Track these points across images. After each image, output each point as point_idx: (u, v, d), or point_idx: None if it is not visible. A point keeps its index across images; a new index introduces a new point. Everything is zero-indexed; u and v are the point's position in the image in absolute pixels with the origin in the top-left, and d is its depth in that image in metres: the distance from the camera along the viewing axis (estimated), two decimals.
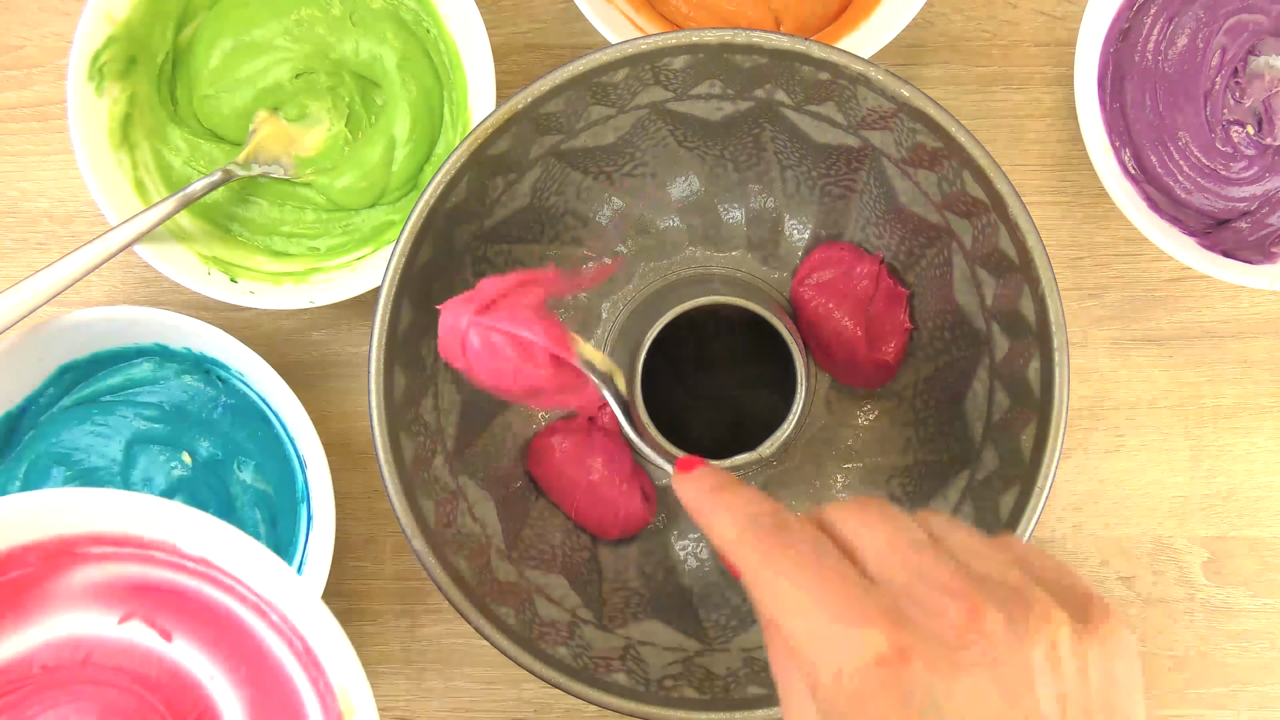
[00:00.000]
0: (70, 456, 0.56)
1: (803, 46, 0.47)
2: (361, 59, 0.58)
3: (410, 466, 0.49)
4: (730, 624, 0.54)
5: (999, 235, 0.49)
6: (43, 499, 0.37)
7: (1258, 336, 0.62)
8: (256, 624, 0.39)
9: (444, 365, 0.53)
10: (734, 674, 0.51)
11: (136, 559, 0.38)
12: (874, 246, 0.55)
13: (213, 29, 0.58)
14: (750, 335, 0.55)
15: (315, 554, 0.56)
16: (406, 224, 0.48)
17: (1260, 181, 0.57)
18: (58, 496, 0.37)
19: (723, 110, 0.52)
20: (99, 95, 0.55)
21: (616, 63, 0.48)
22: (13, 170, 0.61)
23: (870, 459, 0.56)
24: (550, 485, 0.56)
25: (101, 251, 0.53)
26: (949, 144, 0.48)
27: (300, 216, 0.59)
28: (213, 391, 0.58)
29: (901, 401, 0.56)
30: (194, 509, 0.37)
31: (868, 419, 0.57)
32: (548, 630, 0.50)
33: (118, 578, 0.38)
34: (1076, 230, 0.62)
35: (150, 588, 0.39)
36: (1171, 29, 0.56)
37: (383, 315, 0.48)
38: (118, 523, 0.38)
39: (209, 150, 0.58)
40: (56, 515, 0.37)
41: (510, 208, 0.53)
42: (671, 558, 0.57)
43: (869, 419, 0.57)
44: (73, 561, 0.38)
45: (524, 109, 0.48)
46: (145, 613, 0.39)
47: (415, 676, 0.61)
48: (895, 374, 0.56)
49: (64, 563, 0.38)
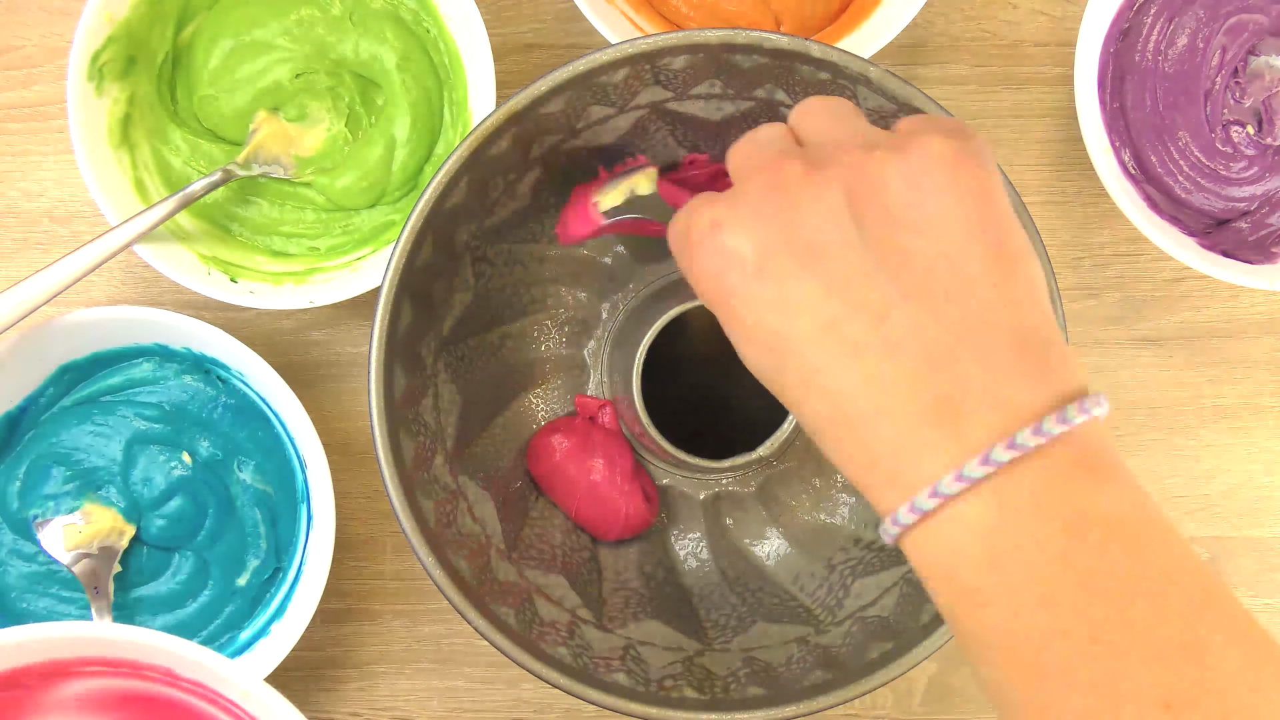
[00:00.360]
0: (70, 456, 0.56)
1: (803, 46, 0.47)
2: (361, 59, 0.58)
3: (410, 466, 0.49)
4: (730, 624, 0.54)
5: None
6: (40, 632, 0.38)
7: (1258, 336, 0.62)
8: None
9: (444, 365, 0.53)
10: (734, 674, 0.51)
11: (130, 676, 0.39)
12: None
13: (213, 29, 0.58)
14: None
15: (315, 554, 0.56)
16: (406, 224, 0.48)
17: (1260, 181, 0.57)
18: (55, 630, 0.38)
19: (723, 110, 0.52)
20: (99, 95, 0.55)
21: (616, 63, 0.48)
22: (13, 170, 0.62)
23: None
24: (550, 485, 0.55)
25: (101, 251, 0.53)
26: None
27: (300, 216, 0.59)
28: (213, 391, 0.58)
29: None
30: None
31: None
32: (548, 630, 0.50)
33: (109, 690, 0.39)
34: (1076, 230, 0.62)
35: (141, 698, 0.39)
36: (1171, 29, 0.56)
37: (383, 315, 0.48)
38: (114, 651, 0.38)
39: (209, 150, 0.58)
40: (53, 646, 0.38)
41: (510, 208, 0.53)
42: (671, 558, 0.57)
43: None
44: (67, 677, 0.39)
45: (524, 109, 0.48)
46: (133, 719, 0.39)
47: (415, 676, 0.61)
48: None
49: (58, 679, 0.39)
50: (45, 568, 0.57)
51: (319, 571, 0.55)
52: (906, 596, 0.51)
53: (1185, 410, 0.62)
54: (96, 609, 0.55)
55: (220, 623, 0.57)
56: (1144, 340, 0.62)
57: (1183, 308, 0.62)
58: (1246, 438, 0.62)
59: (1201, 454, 0.62)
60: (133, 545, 0.57)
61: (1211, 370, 0.62)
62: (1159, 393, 0.62)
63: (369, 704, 0.61)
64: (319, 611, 0.56)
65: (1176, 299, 0.62)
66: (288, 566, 0.57)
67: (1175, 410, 0.62)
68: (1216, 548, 0.62)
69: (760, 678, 0.50)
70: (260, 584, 0.57)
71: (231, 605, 0.57)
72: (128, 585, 0.57)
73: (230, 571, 0.57)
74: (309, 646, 0.61)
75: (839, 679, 0.48)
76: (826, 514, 0.56)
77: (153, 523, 0.56)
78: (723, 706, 0.48)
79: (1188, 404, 0.62)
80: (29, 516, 0.56)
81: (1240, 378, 0.62)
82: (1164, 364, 0.62)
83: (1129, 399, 0.62)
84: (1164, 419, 0.62)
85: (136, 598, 0.57)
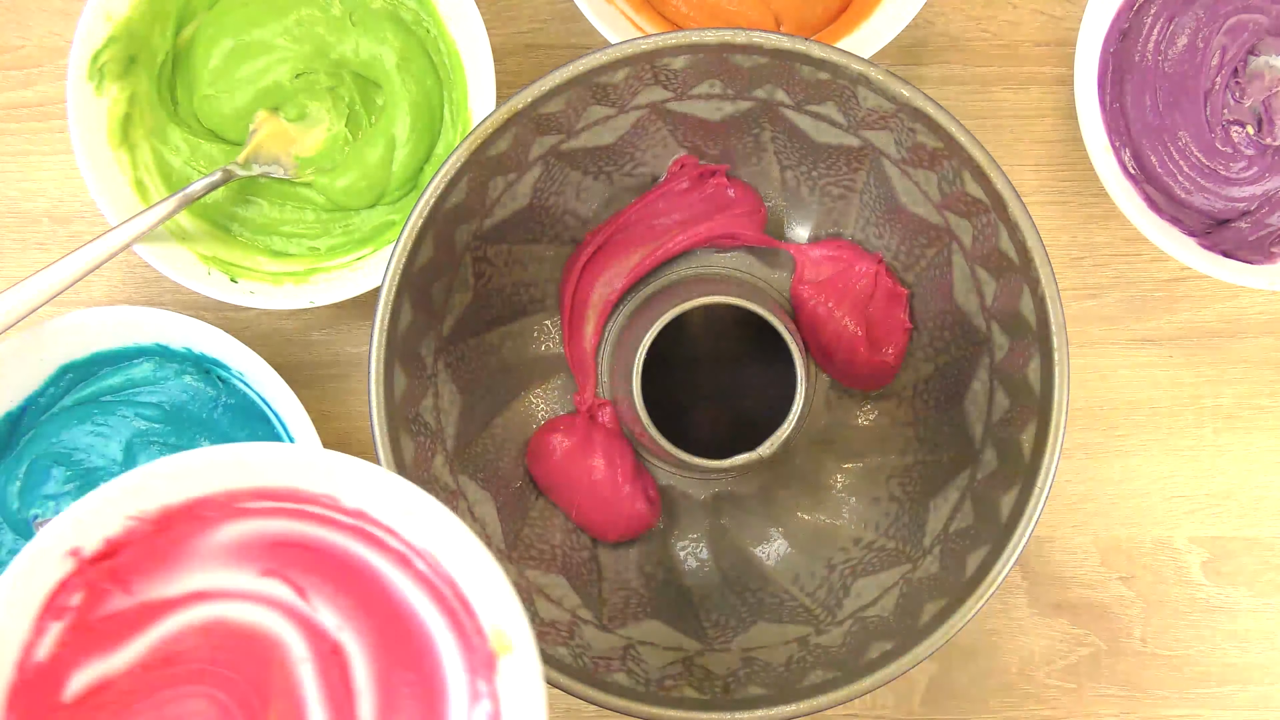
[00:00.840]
0: (70, 456, 0.56)
1: (803, 46, 0.47)
2: (361, 59, 0.58)
3: (410, 466, 0.49)
4: (730, 624, 0.54)
5: (999, 235, 0.49)
6: (214, 456, 0.39)
7: (1258, 336, 0.62)
8: (396, 575, 0.40)
9: (444, 365, 0.53)
10: (734, 674, 0.51)
11: (287, 514, 0.40)
12: (874, 246, 0.55)
13: (213, 29, 0.58)
14: (750, 335, 0.55)
15: None
16: (406, 224, 0.48)
17: (1260, 181, 0.57)
18: (229, 454, 0.39)
19: (723, 110, 0.52)
20: (99, 95, 0.55)
21: (616, 63, 0.48)
22: (13, 170, 0.62)
23: (870, 459, 0.56)
24: (550, 484, 0.55)
25: (101, 251, 0.53)
26: (949, 144, 0.48)
27: (300, 216, 0.59)
28: (213, 391, 0.58)
29: (901, 401, 0.56)
30: (360, 460, 0.39)
31: (868, 419, 0.57)
32: (548, 630, 0.51)
33: (261, 534, 0.40)
34: (1076, 230, 0.62)
35: (291, 544, 0.40)
36: (1171, 29, 0.56)
37: (383, 315, 0.48)
38: (285, 476, 0.39)
39: (209, 150, 0.58)
40: (227, 471, 0.39)
41: (510, 208, 0.53)
42: (672, 557, 0.57)
43: (869, 419, 0.57)
44: (233, 516, 0.40)
45: (524, 109, 0.48)
46: (282, 569, 0.40)
47: None
48: (895, 375, 0.56)
49: (227, 518, 0.40)
50: None
51: None
52: (906, 596, 0.51)
53: (1185, 410, 0.62)
54: None
55: None
56: (1144, 340, 0.62)
57: (1183, 308, 0.62)
58: (1246, 438, 0.62)
59: (1201, 454, 0.62)
60: None
61: (1211, 370, 0.62)
62: (1159, 393, 0.62)
63: None
64: None
65: (1176, 299, 0.62)
66: None
67: (1175, 410, 0.62)
68: (1216, 548, 0.62)
69: (760, 678, 0.50)
70: None
71: None
72: None
73: None
74: None
75: (839, 679, 0.48)
76: (827, 514, 0.56)
77: None
78: (723, 706, 0.48)
79: (1188, 404, 0.62)
80: (29, 516, 0.56)
81: (1240, 378, 0.62)
82: (1164, 364, 0.62)
83: (1129, 399, 0.62)
84: (1164, 419, 0.62)
85: None
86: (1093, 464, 0.62)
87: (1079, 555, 0.62)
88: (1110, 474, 0.62)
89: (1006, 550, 0.47)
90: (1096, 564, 0.61)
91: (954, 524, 0.51)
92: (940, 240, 0.52)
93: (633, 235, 0.56)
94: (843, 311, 0.54)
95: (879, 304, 0.55)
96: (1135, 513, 0.62)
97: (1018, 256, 0.48)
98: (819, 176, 0.54)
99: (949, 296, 0.53)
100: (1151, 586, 0.61)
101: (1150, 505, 0.62)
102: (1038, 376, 0.48)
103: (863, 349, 0.54)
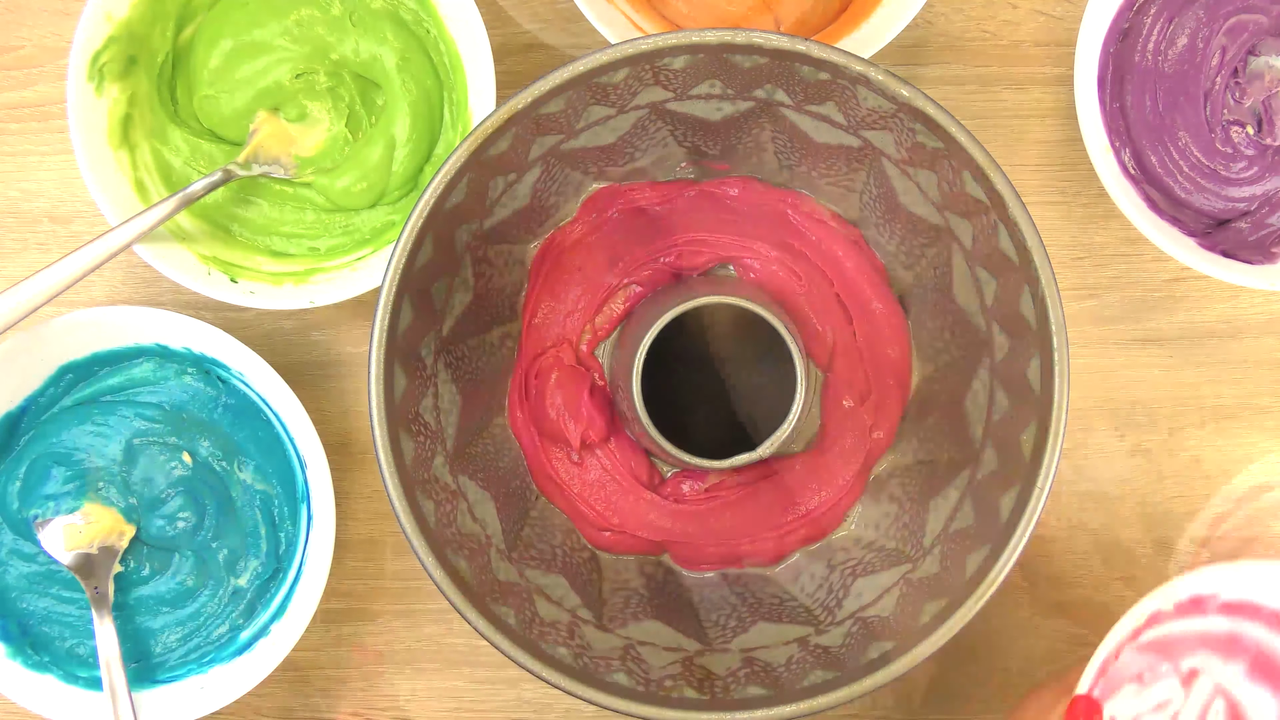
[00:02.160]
0: (70, 456, 0.56)
1: (803, 46, 0.47)
2: (361, 59, 0.58)
3: (410, 466, 0.49)
4: (730, 624, 0.54)
5: (999, 235, 0.49)
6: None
7: (1258, 336, 0.62)
8: None
9: (444, 365, 0.53)
10: (734, 674, 0.51)
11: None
12: (874, 246, 0.55)
13: (213, 29, 0.58)
14: (750, 335, 0.55)
15: (315, 554, 0.56)
16: (406, 224, 0.48)
17: (1260, 181, 0.57)
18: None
19: (723, 110, 0.52)
20: (99, 95, 0.55)
21: (616, 63, 0.48)
22: (13, 170, 0.62)
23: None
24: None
25: (101, 251, 0.53)
26: (949, 144, 0.48)
27: (300, 217, 0.59)
28: (213, 391, 0.58)
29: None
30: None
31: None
32: (548, 630, 0.51)
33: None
34: (1076, 230, 0.62)
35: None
36: (1171, 29, 0.56)
37: (383, 315, 0.48)
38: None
39: (209, 150, 0.58)
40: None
41: (510, 208, 0.53)
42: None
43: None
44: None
45: (524, 109, 0.48)
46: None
47: (415, 676, 0.61)
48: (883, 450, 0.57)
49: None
50: (45, 568, 0.57)
51: (319, 571, 0.55)
52: (906, 596, 0.51)
53: (1185, 410, 0.62)
54: (96, 609, 0.55)
55: (220, 623, 0.57)
56: (1144, 340, 0.62)
57: (1183, 308, 0.62)
58: (1246, 438, 0.62)
59: (1201, 454, 0.62)
60: (133, 545, 0.57)
61: (1211, 370, 0.62)
62: (1159, 393, 0.62)
63: (369, 704, 0.61)
64: (319, 611, 0.56)
65: (1176, 299, 0.62)
66: (288, 566, 0.57)
67: (1175, 410, 0.62)
68: (1217, 548, 0.62)
69: (760, 678, 0.50)
70: (260, 584, 0.57)
71: (231, 605, 0.57)
72: (128, 585, 0.57)
73: (230, 572, 0.57)
74: (309, 646, 0.61)
75: (839, 679, 0.48)
76: None
77: (153, 523, 0.56)
78: (723, 706, 0.48)
79: (1188, 404, 0.62)
80: (29, 516, 0.56)
81: (1240, 378, 0.62)
82: (1164, 364, 0.62)
83: (1129, 399, 0.62)
84: (1164, 419, 0.62)
85: (136, 598, 0.57)
86: (1093, 464, 0.62)
87: (1079, 555, 0.62)
88: (1110, 474, 0.62)
89: (1006, 550, 0.47)
90: (1097, 564, 0.61)
91: (954, 524, 0.51)
92: (940, 240, 0.52)
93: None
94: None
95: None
96: (1135, 513, 0.62)
97: (1018, 256, 0.48)
98: (819, 176, 0.54)
99: (949, 296, 0.53)
100: (1152, 587, 0.61)
101: (1151, 505, 0.62)
102: (1038, 376, 0.48)
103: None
